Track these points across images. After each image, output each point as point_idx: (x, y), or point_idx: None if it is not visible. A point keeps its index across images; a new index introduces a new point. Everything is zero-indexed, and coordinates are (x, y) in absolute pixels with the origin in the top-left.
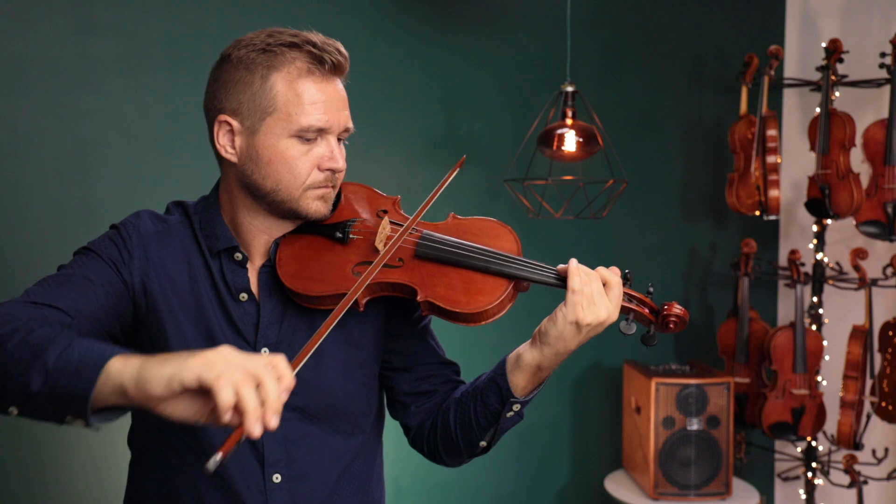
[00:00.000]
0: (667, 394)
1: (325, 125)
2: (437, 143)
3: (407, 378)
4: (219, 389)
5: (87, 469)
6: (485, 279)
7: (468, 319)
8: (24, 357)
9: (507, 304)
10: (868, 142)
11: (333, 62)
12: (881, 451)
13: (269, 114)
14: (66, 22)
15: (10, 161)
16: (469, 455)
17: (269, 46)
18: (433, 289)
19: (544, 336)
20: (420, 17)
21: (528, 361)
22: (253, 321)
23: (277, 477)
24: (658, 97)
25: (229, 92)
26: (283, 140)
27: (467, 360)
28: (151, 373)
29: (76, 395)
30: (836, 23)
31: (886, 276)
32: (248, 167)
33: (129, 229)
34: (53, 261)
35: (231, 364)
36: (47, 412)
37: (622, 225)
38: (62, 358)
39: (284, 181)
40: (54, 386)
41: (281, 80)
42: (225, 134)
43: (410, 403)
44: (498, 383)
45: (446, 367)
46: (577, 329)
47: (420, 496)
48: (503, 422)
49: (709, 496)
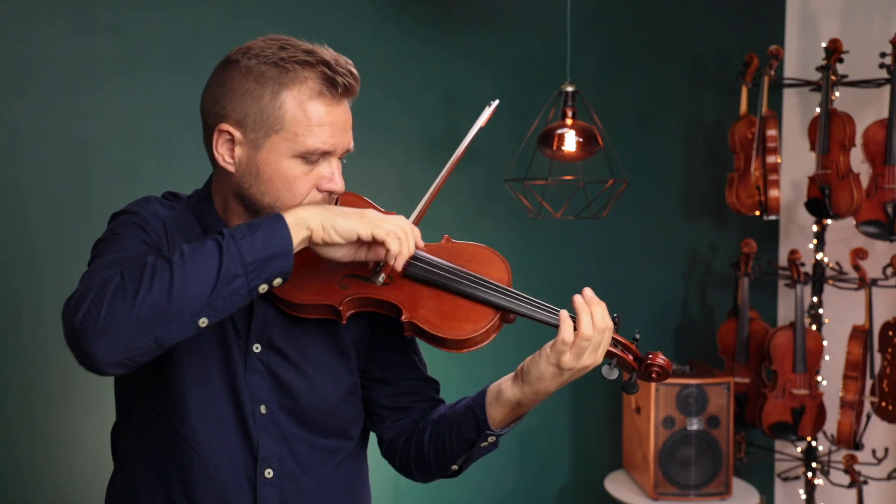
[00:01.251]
0: (667, 394)
1: (330, 148)
2: (437, 143)
3: (386, 391)
4: (389, 242)
5: (86, 471)
6: (472, 307)
7: (450, 346)
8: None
9: (491, 333)
10: (868, 142)
11: (345, 85)
12: (881, 451)
13: (276, 131)
14: (66, 22)
15: (10, 161)
16: (440, 476)
17: (282, 61)
18: (418, 311)
19: (526, 375)
20: (420, 17)
21: (509, 398)
22: (245, 317)
23: (269, 472)
24: (658, 97)
25: (235, 101)
26: (286, 160)
27: (449, 376)
28: (337, 223)
29: (279, 252)
30: (836, 23)
31: (886, 276)
32: (247, 181)
33: (147, 214)
34: (53, 261)
35: (393, 224)
36: (243, 293)
37: (622, 225)
38: (234, 237)
39: (283, 199)
40: (251, 259)
41: (292, 98)
42: (224, 143)
43: (387, 417)
44: (476, 414)
45: (427, 385)
46: (559, 371)
47: (420, 496)
48: (476, 450)
49: (709, 496)
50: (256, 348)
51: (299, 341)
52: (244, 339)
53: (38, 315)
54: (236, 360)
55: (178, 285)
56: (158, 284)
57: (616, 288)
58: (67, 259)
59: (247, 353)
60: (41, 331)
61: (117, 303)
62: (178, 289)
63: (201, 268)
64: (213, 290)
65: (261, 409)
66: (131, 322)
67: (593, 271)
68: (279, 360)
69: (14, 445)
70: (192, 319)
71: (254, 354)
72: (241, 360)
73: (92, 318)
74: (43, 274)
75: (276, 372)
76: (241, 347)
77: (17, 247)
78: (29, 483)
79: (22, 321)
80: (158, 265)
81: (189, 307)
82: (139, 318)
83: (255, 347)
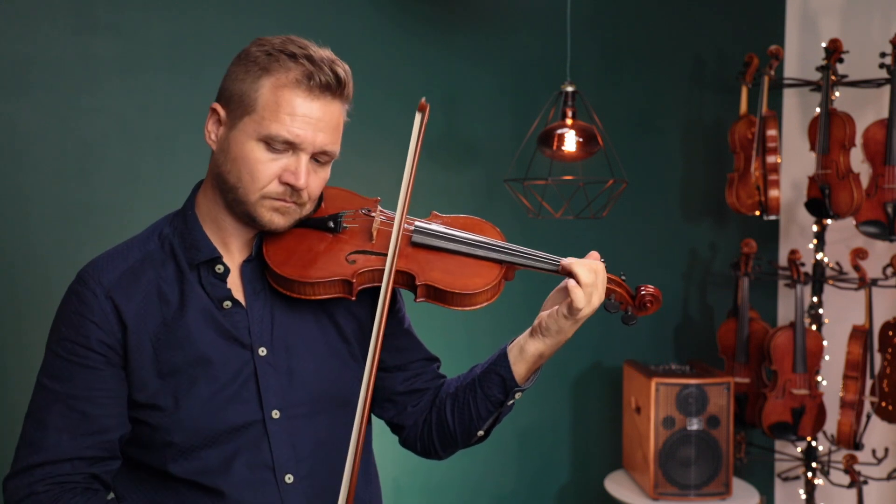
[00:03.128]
0: (667, 394)
1: (293, 139)
2: (437, 143)
3: (400, 377)
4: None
5: None
6: (478, 264)
7: (464, 302)
8: None
9: (499, 289)
10: (868, 142)
11: (322, 80)
12: (881, 451)
13: (248, 113)
14: (66, 22)
15: (11, 161)
16: (464, 446)
17: (275, 51)
18: (430, 273)
19: (546, 330)
20: (420, 17)
21: (532, 353)
22: (245, 325)
23: (290, 477)
24: (658, 97)
25: (227, 82)
26: (251, 141)
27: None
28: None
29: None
30: (836, 23)
31: (886, 276)
32: (220, 158)
33: (90, 285)
34: (53, 261)
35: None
36: None
37: (622, 225)
38: None
39: (244, 181)
40: None
41: (269, 84)
42: (214, 121)
43: (406, 403)
44: (501, 374)
45: (434, 363)
46: (575, 320)
47: (420, 496)
48: (504, 410)
49: (709, 496)
50: (262, 352)
51: (303, 334)
52: (249, 347)
53: (37, 315)
54: (244, 370)
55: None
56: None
57: None
58: (67, 259)
59: (254, 359)
60: (41, 331)
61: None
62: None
63: None
64: None
65: (273, 414)
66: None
67: None
68: (287, 355)
69: (14, 445)
70: None
71: (260, 358)
72: (249, 369)
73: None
74: (43, 274)
75: (286, 367)
76: (248, 355)
77: (17, 247)
78: None
79: (22, 321)
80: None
81: None
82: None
83: (260, 351)
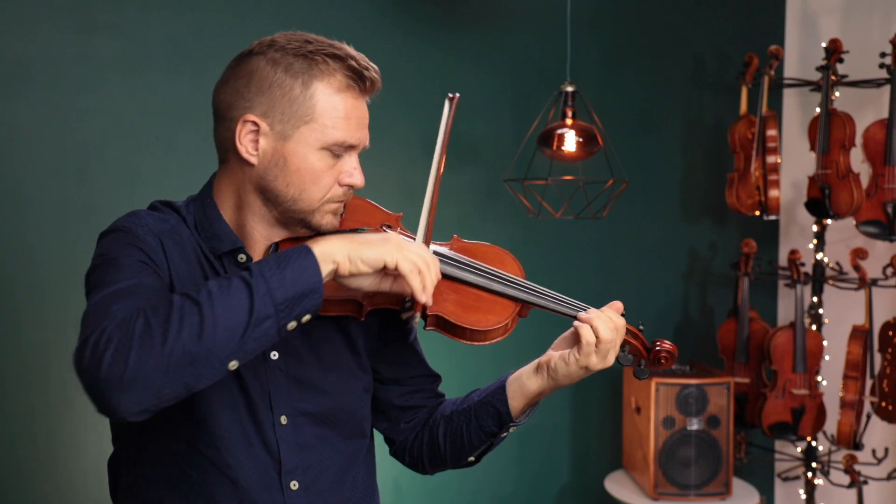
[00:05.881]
0: (667, 394)
1: (355, 142)
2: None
3: (398, 391)
4: (412, 279)
5: (86, 471)
6: (494, 300)
7: (474, 338)
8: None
9: (511, 327)
10: (868, 142)
11: (371, 80)
12: (881, 451)
13: (305, 122)
14: (66, 22)
15: (10, 161)
16: (453, 467)
17: (310, 54)
18: (443, 304)
19: (553, 372)
20: (420, 17)
21: (533, 390)
22: None
23: (295, 484)
24: (658, 97)
25: (262, 92)
26: (314, 151)
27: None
28: (363, 253)
29: (309, 289)
30: (836, 23)
31: (886, 276)
32: (272, 172)
33: (140, 231)
34: (53, 261)
35: (416, 254)
36: (272, 333)
37: (622, 225)
38: (263, 275)
39: (308, 191)
40: (282, 298)
41: (322, 90)
42: (248, 134)
43: (399, 419)
44: (497, 408)
45: (434, 381)
46: (587, 371)
47: (420, 496)
48: (497, 441)
49: (709, 496)
50: (273, 356)
51: (314, 343)
52: None
53: (38, 315)
54: (254, 371)
55: (208, 329)
56: (188, 329)
57: (616, 288)
58: (67, 259)
59: (265, 361)
60: (41, 331)
61: (145, 350)
62: (209, 333)
63: (231, 310)
64: (245, 332)
65: (281, 419)
66: (161, 370)
67: (593, 271)
68: (297, 363)
69: (14, 445)
70: (223, 363)
71: (271, 362)
72: (259, 371)
73: (119, 367)
74: (43, 274)
75: (295, 375)
76: (258, 358)
77: (16, 247)
78: (29, 483)
79: (22, 321)
80: (186, 307)
81: (220, 351)
82: (169, 365)
83: (272, 355)
